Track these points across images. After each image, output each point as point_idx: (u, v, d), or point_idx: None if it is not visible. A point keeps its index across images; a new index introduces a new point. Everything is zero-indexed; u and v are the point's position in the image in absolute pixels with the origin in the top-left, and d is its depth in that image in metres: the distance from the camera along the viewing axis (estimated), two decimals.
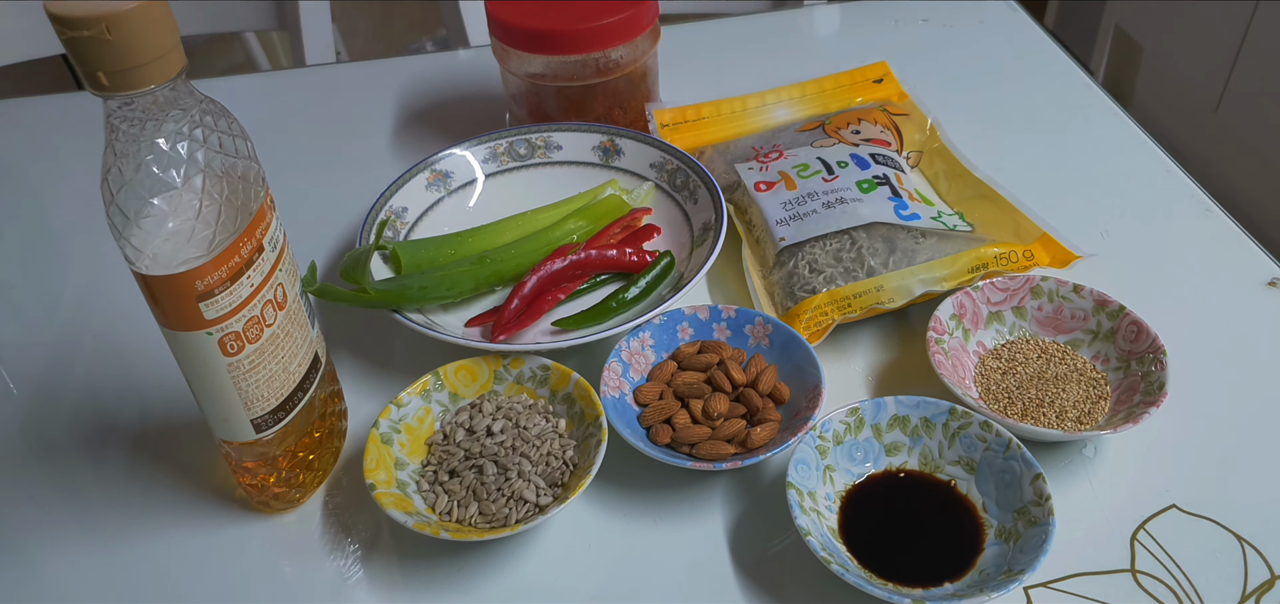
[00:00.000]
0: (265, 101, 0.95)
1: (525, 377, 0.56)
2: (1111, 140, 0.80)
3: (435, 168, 0.71)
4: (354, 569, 0.51)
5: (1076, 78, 0.88)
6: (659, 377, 0.58)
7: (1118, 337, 0.58)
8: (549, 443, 0.53)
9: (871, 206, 0.66)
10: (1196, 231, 0.70)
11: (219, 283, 0.44)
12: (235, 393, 0.47)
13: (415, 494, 0.51)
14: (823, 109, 0.81)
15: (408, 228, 0.68)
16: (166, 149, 0.41)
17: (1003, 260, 0.63)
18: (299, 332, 0.50)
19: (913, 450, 0.53)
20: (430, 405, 0.55)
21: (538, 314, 0.62)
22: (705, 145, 0.78)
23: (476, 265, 0.63)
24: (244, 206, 0.45)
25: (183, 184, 0.42)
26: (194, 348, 0.45)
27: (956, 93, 0.86)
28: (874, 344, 0.63)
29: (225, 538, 0.53)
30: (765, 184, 0.70)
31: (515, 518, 0.49)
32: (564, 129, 0.75)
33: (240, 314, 0.45)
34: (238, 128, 0.45)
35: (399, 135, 0.86)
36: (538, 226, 0.68)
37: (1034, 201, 0.69)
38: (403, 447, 0.53)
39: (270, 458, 0.51)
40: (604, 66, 0.74)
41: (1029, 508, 0.48)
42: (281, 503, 0.53)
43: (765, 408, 0.55)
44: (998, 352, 0.60)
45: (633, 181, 0.73)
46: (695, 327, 0.60)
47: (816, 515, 0.49)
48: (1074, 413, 0.55)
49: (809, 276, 0.63)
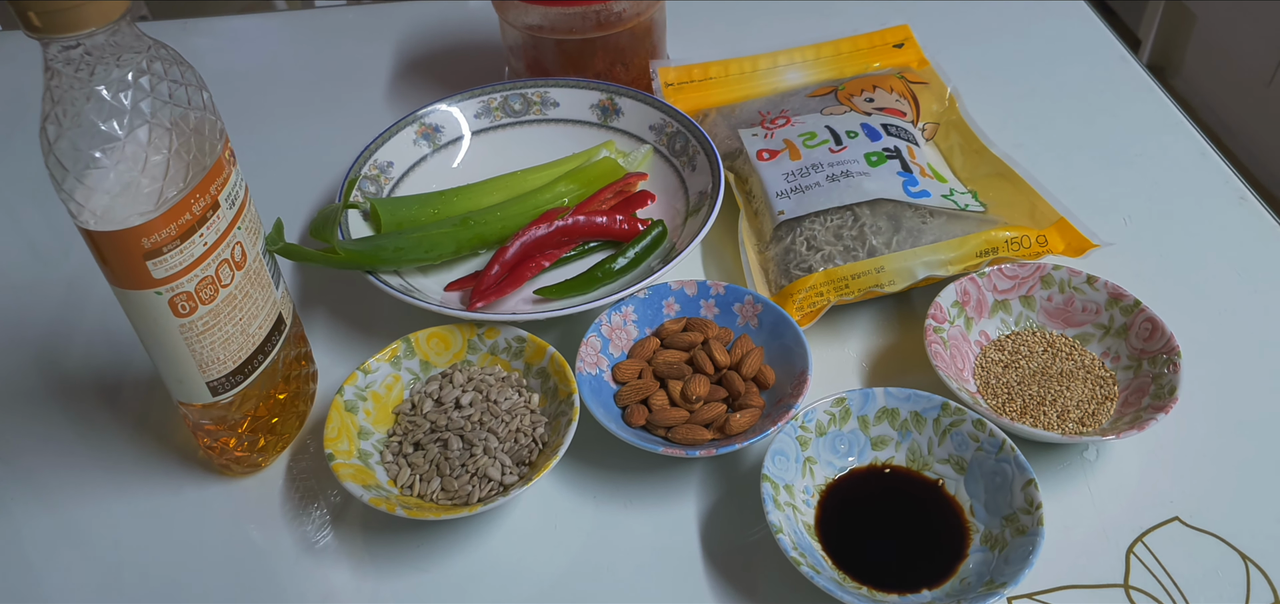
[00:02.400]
0: (265, 43, 0.92)
1: (500, 348, 0.54)
2: (1145, 118, 0.76)
3: (425, 121, 0.69)
4: (315, 538, 0.49)
5: (1113, 50, 0.83)
6: (640, 354, 0.55)
7: (1130, 334, 0.54)
8: (519, 418, 0.50)
9: (878, 181, 0.62)
10: (1227, 221, 0.65)
11: (168, 241, 0.42)
12: (189, 355, 0.45)
13: (378, 465, 0.50)
14: (837, 73, 0.77)
15: (393, 183, 0.66)
16: (108, 98, 0.39)
17: (1014, 245, 0.59)
18: (260, 292, 0.48)
19: (900, 445, 0.50)
20: (400, 372, 0.53)
21: (520, 281, 0.59)
22: (710, 108, 0.74)
23: (459, 227, 0.61)
24: (197, 161, 0.42)
25: (126, 136, 0.40)
26: (142, 307, 0.43)
27: (983, 59, 0.82)
28: (872, 327, 0.59)
29: (184, 499, 0.51)
30: (768, 152, 0.66)
31: (478, 496, 0.47)
32: (562, 85, 0.72)
33: (192, 273, 0.43)
34: (193, 76, 0.43)
35: (397, 84, 0.84)
36: (527, 188, 0.66)
37: (1054, 181, 0.65)
38: (368, 415, 0.51)
39: (230, 421, 0.49)
40: (605, 19, 0.71)
41: (1018, 515, 0.46)
42: (242, 466, 0.51)
43: (748, 393, 0.52)
44: (1001, 343, 0.56)
45: (630, 144, 0.70)
46: (682, 302, 0.57)
47: (793, 510, 0.47)
48: (1077, 413, 0.52)
49: (806, 254, 0.59)
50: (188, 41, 0.92)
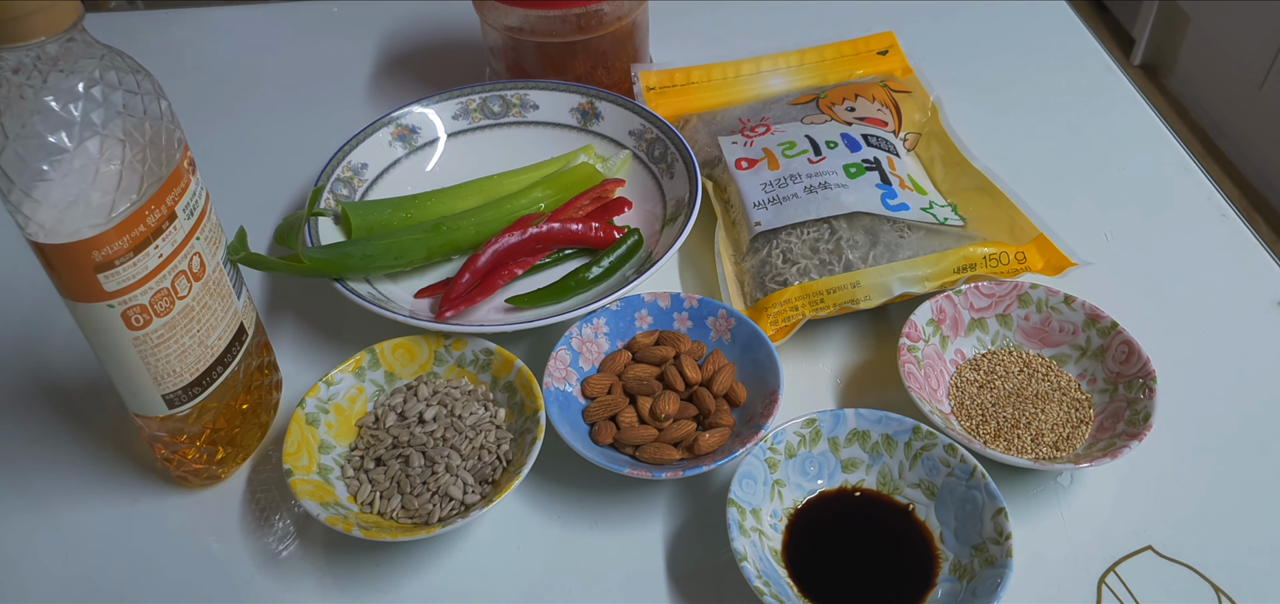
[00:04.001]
0: (246, 36, 0.91)
1: (467, 360, 0.53)
2: (1129, 131, 0.75)
3: (401, 123, 0.68)
4: (275, 551, 0.49)
5: (1099, 59, 0.83)
6: (610, 367, 0.54)
7: (1107, 356, 0.54)
8: (484, 435, 0.50)
9: (856, 194, 0.61)
10: (1208, 239, 0.65)
11: (120, 254, 0.41)
12: (143, 367, 0.44)
13: (339, 481, 0.49)
14: (821, 80, 0.76)
15: (366, 186, 0.65)
16: (57, 109, 0.38)
17: (992, 262, 0.58)
18: (220, 303, 0.47)
19: (871, 468, 0.50)
20: (364, 384, 0.52)
21: (491, 289, 0.58)
22: (691, 113, 0.73)
23: (431, 233, 0.60)
24: (152, 171, 0.41)
25: (75, 148, 0.38)
26: (94, 320, 0.42)
27: (968, 67, 0.81)
28: (847, 342, 0.59)
29: (140, 510, 0.50)
30: (747, 161, 0.65)
31: (438, 516, 0.46)
32: (542, 87, 0.70)
33: (146, 286, 0.42)
34: (150, 85, 0.42)
35: (378, 81, 0.83)
36: (502, 193, 0.65)
37: (1035, 194, 0.64)
38: (330, 428, 0.50)
39: (187, 433, 0.48)
40: (586, 22, 0.70)
41: (988, 545, 0.45)
42: (201, 478, 0.50)
43: (718, 411, 0.51)
44: (977, 362, 0.56)
45: (610, 148, 0.69)
46: (655, 315, 0.56)
47: (759, 535, 0.46)
48: (1051, 437, 0.51)
49: (781, 267, 0.59)
50: (167, 31, 0.91)
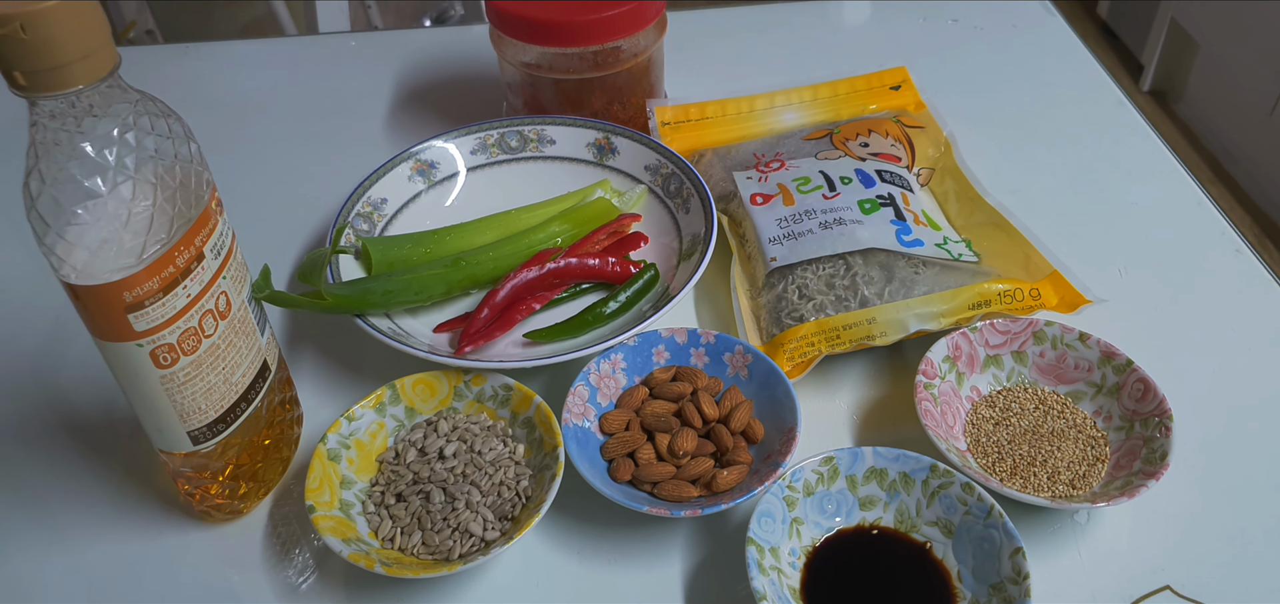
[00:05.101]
0: (266, 69, 0.92)
1: (486, 395, 0.54)
2: (1141, 164, 0.75)
3: (419, 158, 0.69)
4: (293, 587, 0.49)
5: (1109, 93, 0.83)
6: (628, 403, 0.55)
7: (1123, 394, 0.54)
8: (503, 471, 0.50)
9: (871, 230, 0.62)
10: (1223, 274, 0.65)
11: (150, 294, 0.42)
12: (170, 405, 0.45)
13: (360, 516, 0.49)
14: (834, 115, 0.76)
15: (386, 220, 0.66)
16: (92, 154, 0.39)
17: (1007, 298, 0.59)
18: (244, 341, 0.48)
19: (889, 506, 0.50)
20: (384, 419, 0.53)
21: (510, 324, 0.59)
22: (705, 148, 0.74)
23: (450, 268, 0.60)
24: (181, 213, 0.42)
25: (109, 191, 0.39)
26: (123, 359, 0.43)
27: (980, 101, 0.81)
28: (863, 378, 0.59)
29: (164, 545, 0.51)
30: (762, 197, 0.66)
31: (459, 552, 0.47)
32: (559, 123, 0.71)
33: (174, 326, 0.43)
34: (180, 129, 0.43)
35: (394, 116, 0.84)
36: (520, 228, 0.65)
37: (1049, 228, 0.64)
38: (351, 464, 0.51)
39: (211, 469, 0.49)
40: (603, 60, 0.71)
41: (1006, 584, 0.45)
42: (224, 513, 0.51)
43: (736, 447, 0.52)
44: (992, 399, 0.56)
45: (626, 183, 0.70)
46: (671, 350, 0.57)
47: (778, 574, 0.46)
48: (1067, 475, 0.51)
49: (797, 302, 0.59)
50: (189, 65, 0.92)
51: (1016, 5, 0.95)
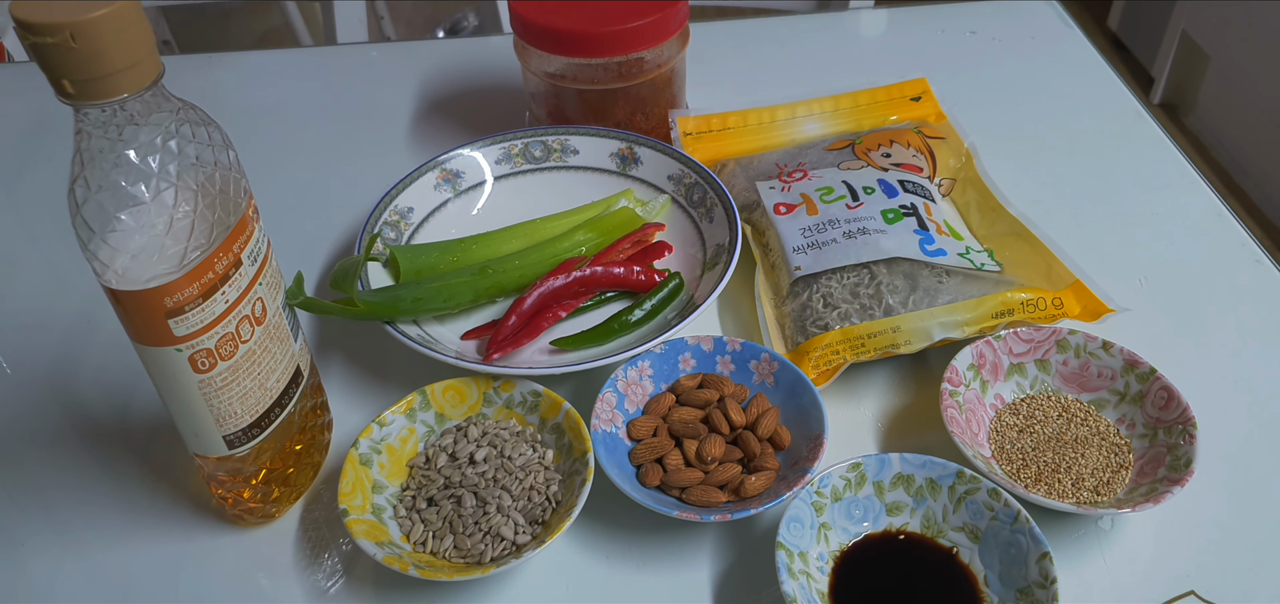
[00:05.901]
0: (287, 79, 0.93)
1: (515, 401, 0.54)
2: (1160, 175, 0.76)
3: (445, 167, 0.69)
4: (323, 590, 0.49)
5: (1128, 104, 0.84)
6: (655, 410, 0.55)
7: (1146, 402, 0.54)
8: (533, 475, 0.51)
9: (895, 239, 0.62)
10: (1244, 284, 0.65)
11: (189, 300, 0.42)
12: (206, 409, 0.46)
13: (392, 521, 0.50)
14: (855, 126, 0.77)
15: (413, 229, 0.66)
16: (136, 161, 0.40)
17: (1030, 307, 0.59)
18: (279, 346, 0.48)
19: (916, 511, 0.50)
20: (414, 425, 0.53)
21: (536, 332, 0.60)
22: (728, 158, 0.74)
23: (477, 276, 0.61)
24: (221, 220, 0.43)
25: (151, 198, 0.40)
26: (162, 363, 0.44)
27: (999, 112, 0.82)
28: (887, 386, 0.59)
29: (196, 548, 0.51)
30: (785, 207, 0.66)
31: (490, 556, 0.47)
32: (582, 133, 0.72)
33: (213, 331, 0.44)
34: (220, 137, 0.44)
35: (419, 124, 0.85)
36: (545, 236, 0.66)
37: (1070, 239, 0.65)
38: (383, 468, 0.51)
39: (245, 473, 0.49)
40: (627, 70, 0.71)
41: (1033, 589, 0.45)
42: (256, 517, 0.52)
43: (763, 454, 0.52)
44: (1016, 406, 0.56)
45: (649, 193, 0.70)
46: (698, 358, 0.57)
47: (806, 578, 0.47)
48: (1092, 482, 0.52)
49: (822, 311, 0.60)
50: (210, 75, 0.93)
51: (1034, 17, 0.95)
